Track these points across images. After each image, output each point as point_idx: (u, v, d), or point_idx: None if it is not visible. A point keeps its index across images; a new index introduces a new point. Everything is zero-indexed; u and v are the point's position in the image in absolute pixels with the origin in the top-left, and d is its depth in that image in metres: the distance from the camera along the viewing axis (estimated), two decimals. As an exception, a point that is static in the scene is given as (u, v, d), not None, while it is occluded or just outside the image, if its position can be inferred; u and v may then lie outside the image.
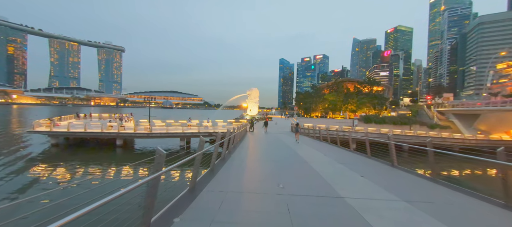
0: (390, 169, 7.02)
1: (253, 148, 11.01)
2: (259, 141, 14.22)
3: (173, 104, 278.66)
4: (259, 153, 9.82)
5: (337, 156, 9.20)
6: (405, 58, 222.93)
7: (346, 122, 37.70)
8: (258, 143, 13.11)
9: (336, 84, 65.79)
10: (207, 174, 5.57)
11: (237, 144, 11.64)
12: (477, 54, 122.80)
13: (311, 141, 15.32)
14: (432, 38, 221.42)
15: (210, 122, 26.13)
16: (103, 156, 16.34)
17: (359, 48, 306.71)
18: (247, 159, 8.10)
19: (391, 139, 7.38)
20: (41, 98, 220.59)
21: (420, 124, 37.82)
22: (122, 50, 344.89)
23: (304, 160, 8.11)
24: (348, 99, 52.68)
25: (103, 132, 18.20)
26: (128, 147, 19.98)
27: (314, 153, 9.87)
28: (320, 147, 12.37)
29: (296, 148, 11.25)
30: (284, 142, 14.10)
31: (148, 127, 19.52)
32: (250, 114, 49.22)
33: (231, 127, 17.70)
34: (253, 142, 13.82)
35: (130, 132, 18.75)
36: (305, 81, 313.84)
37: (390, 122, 37.47)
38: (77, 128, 18.04)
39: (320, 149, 11.26)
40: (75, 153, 16.73)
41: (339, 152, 10.64)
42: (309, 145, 12.81)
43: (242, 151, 9.84)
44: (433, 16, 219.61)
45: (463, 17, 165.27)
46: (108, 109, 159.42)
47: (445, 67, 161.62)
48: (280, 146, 12.02)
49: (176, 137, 20.57)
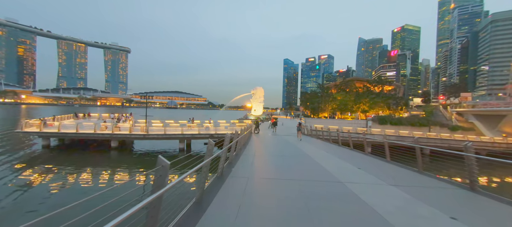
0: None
1: (262, 155, 9.44)
2: (267, 145, 12.53)
3: (178, 104, 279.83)
4: (270, 162, 8.29)
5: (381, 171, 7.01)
6: (413, 57, 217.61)
7: (359, 123, 35.38)
8: (267, 148, 11.40)
9: (344, 83, 63.17)
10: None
11: (241, 149, 10.18)
12: (490, 53, 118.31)
13: (327, 146, 13.01)
14: (441, 37, 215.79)
15: (212, 122, 24.83)
16: (95, 160, 15.18)
17: (365, 48, 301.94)
18: (257, 164, 7.24)
19: (421, 143, 6.57)
20: (49, 98, 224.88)
21: (440, 125, 35.11)
22: (128, 51, 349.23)
23: (336, 178, 6.11)
24: (360, 98, 49.86)
25: (96, 133, 17.12)
26: (124, 149, 18.88)
27: (345, 167, 7.45)
28: (347, 155, 9.92)
29: (316, 157, 9.15)
30: (297, 147, 12.02)
31: (144, 128, 18.22)
32: (255, 115, 47.68)
33: (234, 128, 16.31)
34: (260, 146, 12.22)
35: (125, 133, 17.60)
36: (309, 82, 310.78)
37: (408, 124, 34.77)
38: (69, 129, 17.02)
39: (349, 160, 8.69)
40: (65, 155, 15.71)
41: (380, 165, 8.19)
42: (331, 152, 10.39)
43: (249, 155, 8.68)
44: (442, 15, 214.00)
45: (474, 15, 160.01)
46: (114, 109, 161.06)
47: (455, 66, 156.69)
48: (294, 153, 10.24)
49: (175, 139, 19.28)
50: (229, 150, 7.07)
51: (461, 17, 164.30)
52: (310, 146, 12.37)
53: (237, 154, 8.63)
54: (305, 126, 20.72)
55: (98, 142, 18.43)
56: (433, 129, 31.90)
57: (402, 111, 50.91)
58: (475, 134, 26.95)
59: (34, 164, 13.67)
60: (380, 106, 47.81)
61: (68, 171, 12.60)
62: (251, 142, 13.46)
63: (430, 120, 35.31)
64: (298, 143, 13.50)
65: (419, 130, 27.41)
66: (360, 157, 9.35)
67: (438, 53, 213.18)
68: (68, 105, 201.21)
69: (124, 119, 26.85)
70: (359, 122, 35.49)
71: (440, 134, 24.26)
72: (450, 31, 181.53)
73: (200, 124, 22.45)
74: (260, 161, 7.67)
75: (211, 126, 21.65)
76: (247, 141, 13.21)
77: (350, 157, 9.33)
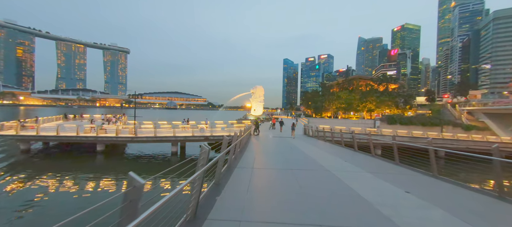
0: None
1: (263, 166, 7.67)
2: (269, 151, 10.71)
3: (177, 105, 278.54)
4: (274, 170, 7.02)
5: None
6: (413, 56, 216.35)
7: (366, 123, 33.64)
8: (268, 156, 9.45)
9: (346, 81, 61.40)
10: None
11: (237, 157, 8.70)
12: (492, 51, 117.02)
13: (341, 152, 10.96)
14: (442, 35, 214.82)
15: (208, 123, 23.43)
16: (78, 166, 13.79)
17: (365, 47, 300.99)
18: (258, 175, 6.21)
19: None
20: (47, 99, 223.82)
21: (453, 125, 33.39)
22: (127, 52, 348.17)
23: (352, 190, 5.09)
24: (366, 97, 47.51)
25: (79, 135, 15.76)
26: (115, 153, 17.54)
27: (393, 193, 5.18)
28: (383, 169, 7.55)
29: (336, 170, 7.12)
30: (309, 156, 9.87)
31: (132, 130, 16.85)
32: (255, 115, 46.14)
33: (232, 129, 14.93)
34: (261, 150, 10.68)
35: (111, 136, 16.29)
36: (309, 81, 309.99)
37: (419, 123, 32.90)
38: (48, 132, 15.66)
39: (396, 182, 5.94)
40: (43, 162, 14.37)
41: None
42: (353, 162, 8.31)
43: (247, 167, 7.32)
44: (443, 13, 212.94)
45: (475, 13, 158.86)
46: (113, 110, 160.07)
47: (456, 65, 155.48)
48: (306, 164, 8.26)
49: (166, 141, 17.91)
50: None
51: (462, 15, 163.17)
52: (321, 152, 10.42)
53: (230, 167, 6.86)
54: (309, 127, 19.37)
55: (85, 146, 17.09)
56: (445, 129, 30.41)
57: (411, 110, 49.21)
58: (490, 134, 25.46)
59: (10, 172, 12.27)
60: (387, 104, 46.02)
61: (53, 181, 11.22)
62: (249, 146, 11.57)
63: (442, 120, 33.61)
64: (305, 148, 11.67)
65: (430, 130, 25.86)
66: (418, 177, 6.34)
67: (439, 52, 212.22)
68: (67, 107, 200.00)
69: (115, 120, 25.47)
70: (366, 122, 33.73)
71: (457, 135, 22.63)
72: (451, 29, 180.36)
73: (195, 125, 20.97)
74: (260, 182, 5.65)
75: (207, 128, 20.24)
76: (244, 146, 11.43)
77: (393, 175, 6.45)
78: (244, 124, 22.18)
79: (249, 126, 17.43)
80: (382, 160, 8.77)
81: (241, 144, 10.48)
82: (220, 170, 5.28)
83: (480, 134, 25.36)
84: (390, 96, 47.98)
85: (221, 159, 5.07)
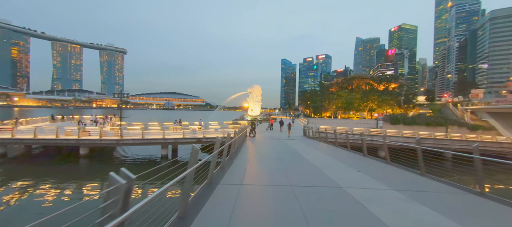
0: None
1: (256, 173, 6.76)
2: (264, 157, 9.36)
3: (175, 106, 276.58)
4: (269, 187, 5.60)
5: None
6: (410, 56, 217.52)
7: (368, 123, 32.68)
8: (265, 166, 7.86)
9: (346, 81, 60.50)
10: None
11: (228, 161, 7.82)
12: (489, 51, 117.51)
13: (353, 158, 9.55)
14: (439, 35, 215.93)
15: (202, 124, 22.36)
16: (55, 171, 12.70)
17: (363, 48, 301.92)
18: (246, 196, 5.14)
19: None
20: (42, 100, 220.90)
21: (458, 125, 32.36)
22: (124, 52, 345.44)
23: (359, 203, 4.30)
24: (368, 96, 46.14)
25: (58, 138, 14.65)
26: (98, 157, 16.34)
27: None
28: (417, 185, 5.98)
29: (334, 175, 6.27)
30: (305, 158, 9.12)
31: (118, 132, 15.75)
32: (252, 115, 45.02)
33: (227, 130, 13.92)
34: (255, 157, 9.32)
35: (94, 139, 15.17)
36: (307, 81, 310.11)
37: (423, 123, 31.88)
38: (26, 135, 14.55)
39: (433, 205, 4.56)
40: (21, 167, 13.22)
41: None
42: (358, 168, 7.38)
43: (238, 170, 6.73)
44: (439, 13, 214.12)
45: (472, 13, 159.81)
46: (109, 111, 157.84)
47: (453, 65, 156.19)
48: (302, 170, 7.24)
49: (155, 144, 16.81)
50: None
51: (458, 15, 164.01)
52: (327, 159, 9.09)
53: (210, 184, 5.45)
54: (309, 128, 18.18)
55: (69, 149, 15.93)
56: (450, 129, 29.56)
57: (413, 110, 48.11)
58: (496, 134, 24.68)
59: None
60: (389, 104, 45.08)
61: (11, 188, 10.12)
62: (242, 151, 10.27)
63: (448, 120, 32.73)
64: (306, 153, 10.27)
65: (435, 131, 24.95)
66: None
67: (436, 52, 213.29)
68: (63, 108, 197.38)
69: (104, 121, 24.31)
70: (368, 122, 32.73)
71: (465, 135, 21.70)
72: (448, 29, 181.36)
73: (187, 126, 19.83)
74: (249, 211, 4.07)
75: (199, 129, 19.15)
76: (237, 150, 10.12)
77: (430, 195, 4.89)
78: (239, 124, 21.20)
79: (243, 127, 16.23)
80: (403, 169, 7.08)
81: (235, 146, 9.56)
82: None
83: (486, 134, 24.46)
84: (392, 95, 46.99)
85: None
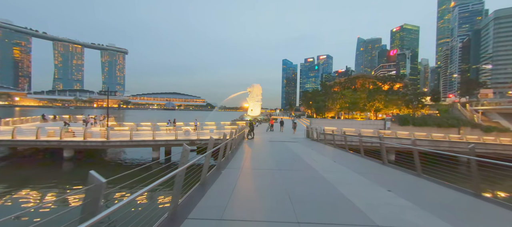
0: None
1: (248, 194, 5.08)
2: (263, 166, 7.83)
3: (176, 106, 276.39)
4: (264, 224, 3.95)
5: None
6: (412, 57, 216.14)
7: (374, 123, 31.15)
8: (260, 176, 6.42)
9: (349, 80, 59.39)
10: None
11: (216, 172, 6.49)
12: (494, 51, 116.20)
13: (362, 163, 8.28)
14: (441, 35, 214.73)
15: (198, 124, 21.12)
16: (33, 176, 11.88)
17: (364, 48, 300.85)
18: None
19: None
20: (43, 100, 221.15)
21: (472, 126, 30.74)
22: (125, 52, 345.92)
23: None
24: (374, 96, 44.55)
25: (39, 140, 13.77)
26: (84, 160, 15.38)
27: None
28: None
29: (356, 198, 4.49)
30: (312, 167, 7.51)
31: (104, 133, 14.79)
32: (252, 115, 43.81)
33: (223, 131, 13.03)
34: (250, 165, 7.65)
35: (77, 140, 14.25)
36: (308, 82, 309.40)
37: (434, 124, 30.15)
38: (3, 135, 13.72)
39: None
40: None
41: None
42: (386, 186, 5.39)
43: (226, 186, 5.47)
44: (442, 13, 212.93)
45: (475, 13, 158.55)
46: (111, 111, 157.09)
47: (456, 65, 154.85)
48: (311, 188, 5.35)
49: (144, 146, 15.79)
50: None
51: (461, 15, 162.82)
52: (340, 169, 7.39)
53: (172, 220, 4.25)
54: (313, 129, 16.94)
55: (53, 151, 14.99)
56: (463, 131, 28.31)
57: (423, 110, 46.45)
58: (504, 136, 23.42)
59: None
60: (396, 104, 43.72)
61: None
62: (236, 158, 8.62)
63: (460, 120, 31.29)
64: (313, 161, 8.54)
65: (447, 132, 23.72)
66: None
67: (438, 52, 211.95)
68: (64, 107, 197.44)
69: (94, 121, 23.46)
70: (374, 122, 31.22)
71: (483, 138, 20.42)
72: (450, 29, 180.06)
73: (179, 127, 18.67)
74: None
75: (194, 130, 18.05)
76: (229, 157, 8.55)
77: None
78: (237, 125, 20.25)
79: (241, 128, 15.04)
80: (449, 188, 5.13)
81: (230, 148, 8.67)
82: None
83: (502, 136, 22.98)
84: (399, 95, 45.47)
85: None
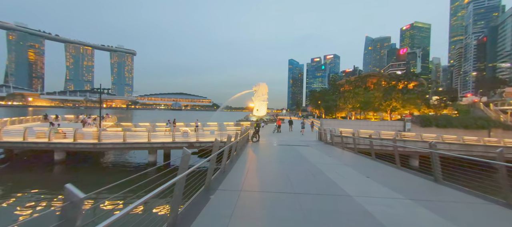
0: None
1: None
2: (268, 180, 6.00)
3: (182, 106, 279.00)
4: None
5: None
6: (423, 56, 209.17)
7: (393, 125, 28.46)
8: (265, 201, 4.42)
9: (359, 79, 56.78)
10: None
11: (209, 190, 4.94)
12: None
13: (406, 179, 6.31)
14: (454, 33, 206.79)
15: (199, 126, 19.84)
16: (19, 180, 11.23)
17: (373, 47, 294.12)
18: None
19: None
20: (55, 100, 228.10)
21: (503, 128, 27.90)
22: (133, 54, 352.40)
23: None
24: (391, 94, 40.72)
25: (26, 141, 13.12)
26: (78, 163, 14.54)
27: None
28: None
29: None
30: (340, 187, 5.29)
31: (96, 134, 13.98)
32: (257, 115, 42.27)
33: (226, 133, 11.88)
34: (252, 182, 5.62)
35: (66, 142, 13.54)
36: (315, 82, 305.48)
37: (460, 126, 27.34)
38: None
39: None
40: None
41: None
42: (431, 209, 3.98)
43: None
44: (455, 10, 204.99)
45: (491, 8, 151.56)
46: (119, 111, 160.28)
47: (470, 63, 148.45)
48: None
49: (139, 148, 14.88)
50: None
51: (476, 11, 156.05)
52: (382, 191, 5.08)
53: None
54: (326, 131, 15.20)
55: (46, 153, 14.28)
56: (494, 132, 25.99)
57: (446, 110, 43.02)
58: None
59: None
60: (415, 103, 40.31)
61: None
62: (237, 166, 7.25)
63: (491, 121, 28.65)
64: (337, 177, 6.17)
65: (476, 134, 21.48)
66: None
67: (451, 50, 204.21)
68: (74, 108, 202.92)
69: (91, 122, 22.91)
70: (391, 123, 28.62)
71: None
72: (464, 27, 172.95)
73: (178, 129, 17.56)
74: None
75: (192, 131, 16.96)
76: (230, 163, 7.45)
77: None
78: (241, 126, 19.02)
79: (245, 129, 13.75)
80: None
81: (232, 153, 7.80)
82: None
83: None
84: (416, 93, 42.16)
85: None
